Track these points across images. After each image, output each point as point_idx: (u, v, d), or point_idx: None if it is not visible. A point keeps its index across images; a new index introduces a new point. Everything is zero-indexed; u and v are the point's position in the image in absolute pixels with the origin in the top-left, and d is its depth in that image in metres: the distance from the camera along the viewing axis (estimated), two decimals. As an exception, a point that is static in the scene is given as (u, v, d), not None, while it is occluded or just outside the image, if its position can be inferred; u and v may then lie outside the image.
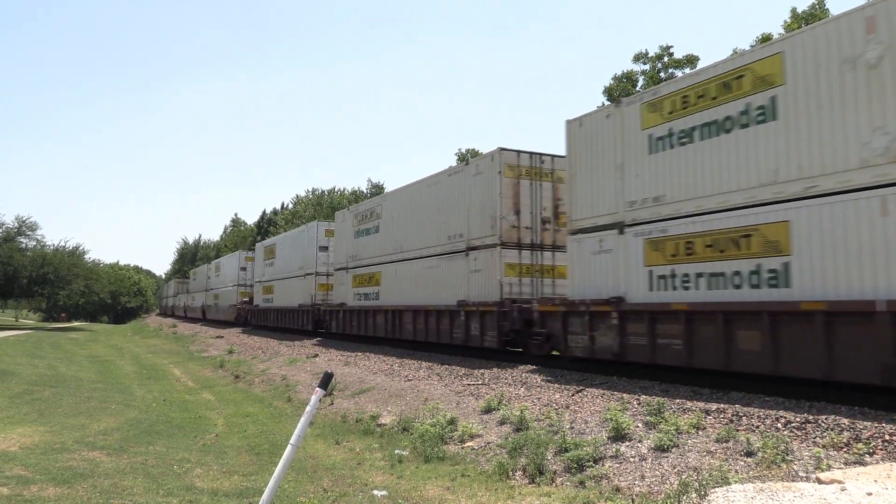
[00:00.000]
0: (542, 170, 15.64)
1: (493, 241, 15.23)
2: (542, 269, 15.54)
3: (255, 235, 75.15)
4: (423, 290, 18.10)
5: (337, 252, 25.28)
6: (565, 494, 6.22)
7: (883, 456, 6.02)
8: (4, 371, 16.78)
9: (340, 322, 23.95)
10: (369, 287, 21.58)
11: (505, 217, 15.09)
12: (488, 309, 15.02)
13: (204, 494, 6.54)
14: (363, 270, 22.18)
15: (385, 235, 20.73)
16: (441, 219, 17.38)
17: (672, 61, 33.12)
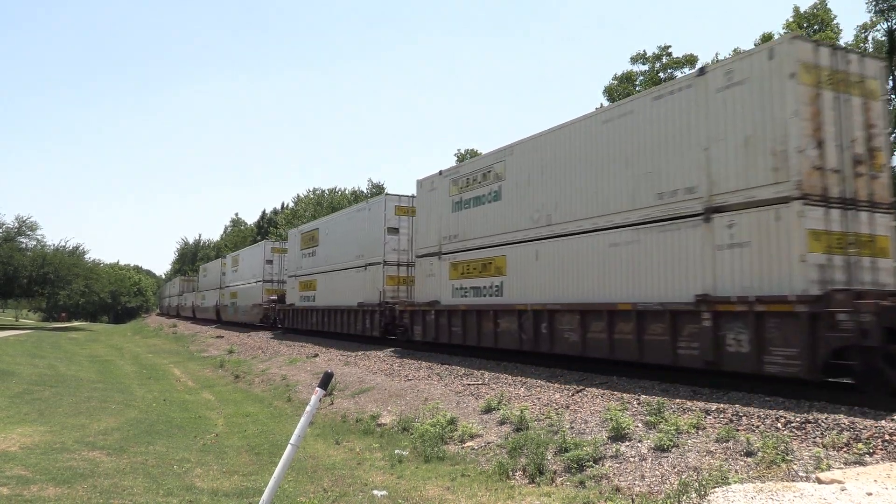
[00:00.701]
0: (850, 76, 9.53)
1: (776, 194, 9.01)
2: (857, 240, 9.17)
3: (255, 235, 75.12)
4: (601, 280, 11.92)
5: (423, 232, 18.87)
6: (565, 494, 6.22)
7: (883, 456, 6.02)
8: (4, 371, 16.78)
9: (431, 326, 17.65)
10: (482, 278, 15.67)
11: (804, 151, 8.89)
12: (784, 308, 8.72)
13: (204, 494, 6.55)
14: (472, 256, 16.09)
15: (513, 203, 14.67)
16: (641, 168, 11.25)
17: (671, 61, 33.10)
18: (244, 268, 40.47)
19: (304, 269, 28.76)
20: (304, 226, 31.37)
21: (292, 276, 30.48)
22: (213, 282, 49.97)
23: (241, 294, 40.03)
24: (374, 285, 21.41)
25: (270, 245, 37.25)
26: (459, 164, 18.38)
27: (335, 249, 25.47)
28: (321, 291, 26.55)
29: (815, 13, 26.89)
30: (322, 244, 27.05)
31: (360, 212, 23.76)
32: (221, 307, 45.21)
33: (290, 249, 31.82)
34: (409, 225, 21.24)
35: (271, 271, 35.81)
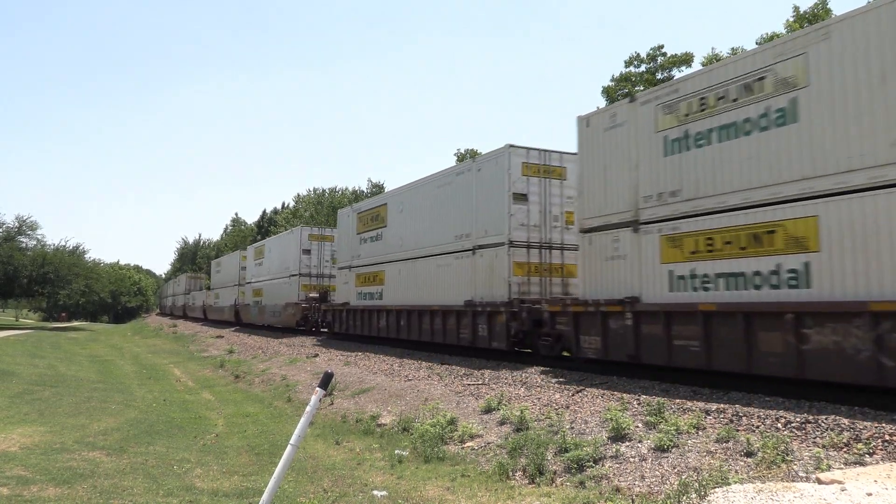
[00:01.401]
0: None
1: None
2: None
3: (255, 235, 75.09)
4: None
5: (597, 192, 12.18)
6: (565, 495, 6.22)
7: (883, 456, 6.02)
8: (4, 371, 16.79)
9: (624, 339, 11.22)
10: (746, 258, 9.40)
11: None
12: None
13: (204, 494, 6.55)
14: (721, 222, 9.82)
15: None
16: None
17: (667, 61, 33.04)
18: (273, 260, 33.85)
19: (365, 257, 22.60)
20: (361, 203, 24.82)
21: (345, 267, 24.31)
22: (229, 278, 44.17)
23: (269, 292, 33.52)
24: (493, 276, 15.09)
25: (307, 231, 30.47)
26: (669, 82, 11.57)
27: (416, 229, 19.21)
28: (392, 286, 20.36)
29: (816, 13, 26.88)
30: (392, 224, 20.78)
31: (463, 175, 16.94)
32: (241, 307, 39.30)
33: (342, 234, 25.54)
34: (541, 190, 15.30)
35: (309, 263, 29.73)
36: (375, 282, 21.65)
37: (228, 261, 46.56)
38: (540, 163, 15.27)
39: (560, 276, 15.36)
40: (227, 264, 46.16)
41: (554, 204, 15.42)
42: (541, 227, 15.20)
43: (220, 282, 47.72)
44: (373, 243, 22.09)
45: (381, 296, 21.01)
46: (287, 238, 32.44)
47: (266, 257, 35.27)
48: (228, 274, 44.68)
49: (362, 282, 22.76)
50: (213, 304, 48.37)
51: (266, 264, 34.96)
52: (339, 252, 25.97)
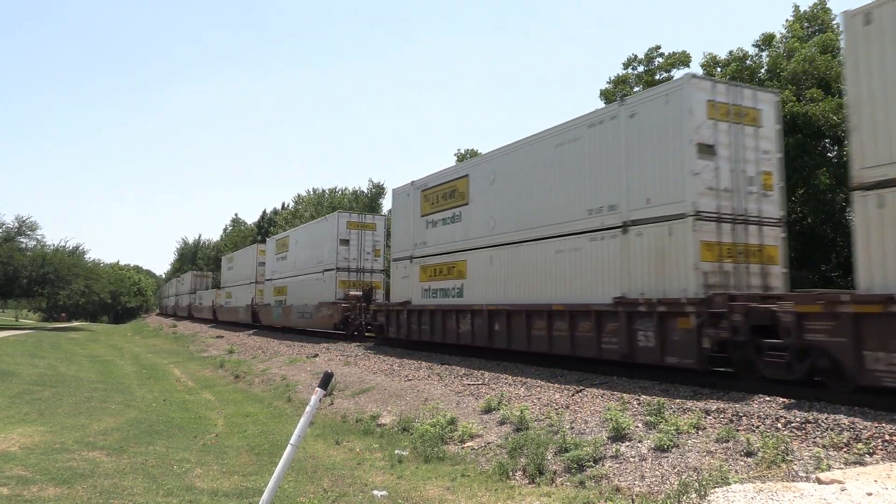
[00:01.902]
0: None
1: None
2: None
3: (255, 235, 75.01)
4: None
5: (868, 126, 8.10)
6: (565, 494, 6.22)
7: (883, 456, 6.02)
8: (4, 371, 16.78)
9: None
10: None
11: None
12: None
13: (204, 494, 6.54)
14: None
15: None
16: None
17: (665, 62, 33.02)
18: (300, 253, 29.84)
19: (435, 245, 18.30)
20: (426, 178, 19.41)
21: (403, 258, 20.09)
22: (244, 274, 39.82)
23: (297, 289, 29.28)
24: (666, 261, 10.76)
25: (345, 218, 26.46)
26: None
27: (518, 205, 14.75)
28: (478, 280, 16.03)
29: (815, 14, 26.87)
30: (478, 201, 16.38)
31: (602, 125, 12.52)
32: (260, 307, 35.20)
33: (399, 218, 21.02)
34: (732, 140, 10.99)
35: (347, 255, 25.70)
36: (451, 275, 17.28)
37: (243, 256, 41.92)
38: (729, 102, 11.08)
39: (759, 261, 11.08)
40: (242, 260, 41.73)
41: (749, 160, 11.15)
42: (733, 194, 10.90)
43: (232, 279, 43.50)
44: (447, 226, 17.82)
45: (461, 292, 16.71)
46: (320, 227, 27.94)
47: (291, 250, 30.82)
48: (242, 270, 40.50)
49: (431, 275, 18.46)
50: (224, 304, 44.18)
51: (292, 258, 30.63)
52: (395, 240, 21.29)
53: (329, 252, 26.07)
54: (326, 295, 25.68)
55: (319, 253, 27.16)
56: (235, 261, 43.95)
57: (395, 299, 20.61)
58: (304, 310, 28.02)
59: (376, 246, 26.50)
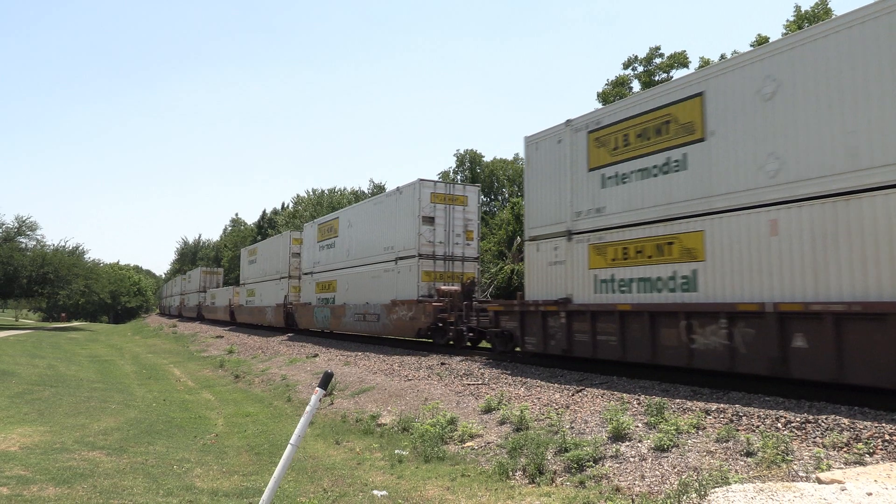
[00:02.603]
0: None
1: None
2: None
3: (255, 235, 75.00)
4: None
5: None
6: (565, 494, 6.22)
7: (883, 456, 6.02)
8: (4, 371, 16.78)
9: None
10: None
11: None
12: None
13: (204, 494, 6.54)
14: None
15: None
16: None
17: (664, 63, 33.06)
18: (355, 237, 23.61)
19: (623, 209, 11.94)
20: (598, 111, 13.24)
21: (551, 235, 13.69)
22: (272, 268, 33.48)
23: (354, 285, 23.19)
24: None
25: (428, 189, 19.68)
26: None
27: None
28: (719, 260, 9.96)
29: (816, 13, 26.89)
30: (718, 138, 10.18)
31: None
32: (297, 308, 28.92)
33: (541, 177, 14.27)
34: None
35: (432, 239, 19.50)
36: (673, 255, 10.82)
37: (270, 247, 35.07)
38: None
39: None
40: (269, 251, 34.89)
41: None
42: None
43: (255, 274, 36.81)
44: (652, 180, 11.31)
45: (695, 283, 10.31)
46: (392, 202, 21.16)
47: (341, 236, 24.75)
48: (270, 263, 33.84)
49: (613, 258, 12.09)
50: (245, 303, 38.36)
51: (343, 245, 24.52)
52: (530, 210, 14.57)
53: (408, 234, 19.70)
54: (405, 291, 19.54)
55: (393, 234, 20.80)
56: (260, 253, 36.75)
57: (534, 296, 14.08)
58: (368, 311, 21.72)
59: (468, 226, 20.07)
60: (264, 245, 37.16)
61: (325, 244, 26.62)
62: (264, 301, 34.18)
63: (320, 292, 26.34)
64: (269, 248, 35.31)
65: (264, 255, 35.74)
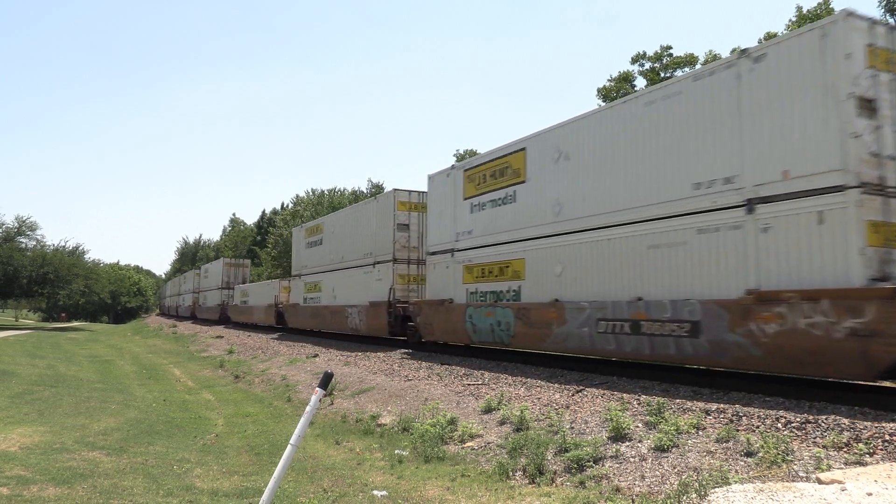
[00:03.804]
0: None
1: None
2: None
3: (254, 235, 74.94)
4: None
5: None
6: (565, 494, 6.22)
7: (883, 456, 6.01)
8: (4, 371, 16.77)
9: None
10: None
11: None
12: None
13: (204, 494, 6.54)
14: None
15: None
16: None
17: (672, 62, 33.09)
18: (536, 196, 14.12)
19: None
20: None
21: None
22: (350, 250, 23.37)
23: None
24: None
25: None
26: None
27: None
28: None
29: (818, 14, 26.88)
30: None
31: None
32: (424, 309, 18.04)
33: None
34: None
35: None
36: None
37: (344, 220, 24.53)
38: None
39: None
40: (342, 226, 24.44)
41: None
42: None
43: (316, 260, 26.69)
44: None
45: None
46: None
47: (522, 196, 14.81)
48: (345, 244, 23.78)
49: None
50: (304, 301, 27.54)
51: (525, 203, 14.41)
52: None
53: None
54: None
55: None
56: (329, 228, 25.64)
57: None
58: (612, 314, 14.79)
59: None
60: (334, 219, 25.84)
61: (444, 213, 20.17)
62: (341, 298, 23.70)
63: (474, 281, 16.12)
64: (341, 222, 24.58)
65: (335, 233, 24.96)
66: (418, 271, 20.39)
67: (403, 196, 20.66)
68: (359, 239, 22.97)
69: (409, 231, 20.52)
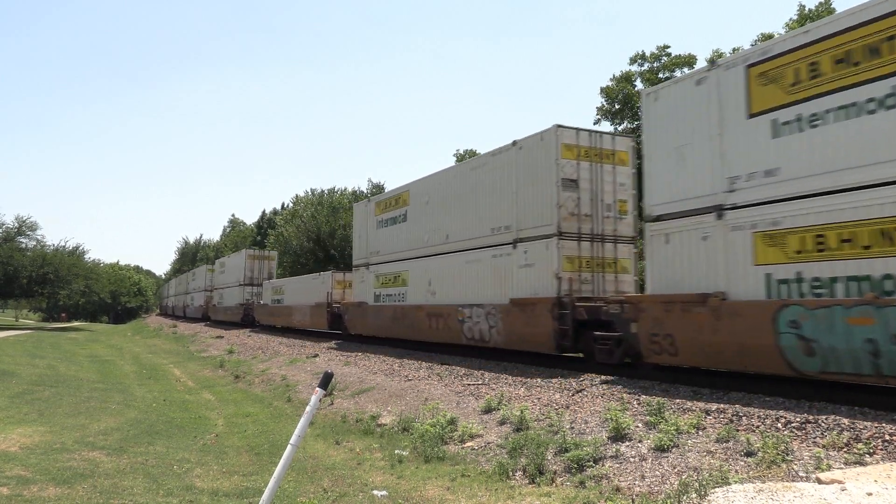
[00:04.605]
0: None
1: None
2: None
3: (254, 235, 74.94)
4: None
5: None
6: (565, 494, 6.22)
7: (883, 456, 6.02)
8: (4, 371, 16.78)
9: None
10: None
11: None
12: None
13: (204, 494, 6.54)
14: None
15: None
16: None
17: (670, 61, 33.09)
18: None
19: None
20: None
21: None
22: (482, 218, 15.81)
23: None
24: None
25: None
26: None
27: None
28: None
29: (820, 13, 26.89)
30: None
31: None
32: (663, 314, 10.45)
33: None
34: None
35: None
36: None
37: (450, 183, 17.61)
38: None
39: None
40: (446, 191, 17.65)
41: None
42: None
43: (397, 244, 20.17)
44: None
45: None
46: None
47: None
48: (452, 217, 17.17)
49: None
50: (373, 299, 21.24)
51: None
52: None
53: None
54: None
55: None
56: (438, 191, 18.15)
57: None
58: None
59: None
60: (441, 180, 18.08)
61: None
62: (447, 293, 17.00)
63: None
64: (465, 180, 16.79)
65: (442, 200, 17.70)
66: (594, 252, 13.49)
67: (569, 136, 13.49)
68: (482, 207, 15.76)
69: (579, 190, 13.41)
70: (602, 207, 13.82)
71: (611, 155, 14.00)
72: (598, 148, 13.86)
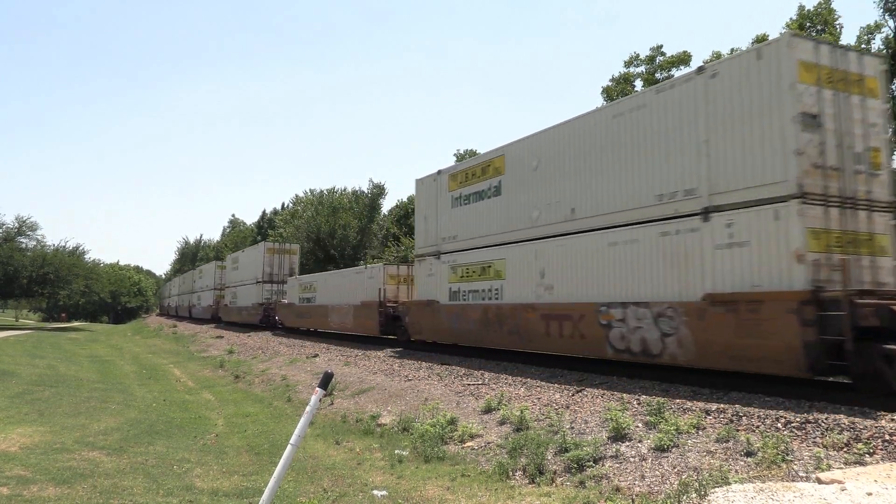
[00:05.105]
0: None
1: None
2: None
3: (254, 235, 74.89)
4: None
5: None
6: (565, 494, 6.22)
7: (883, 456, 6.01)
8: (4, 371, 16.78)
9: None
10: None
11: None
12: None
13: (204, 494, 6.54)
14: None
15: None
16: None
17: (666, 61, 33.08)
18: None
19: None
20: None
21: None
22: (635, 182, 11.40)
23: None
24: None
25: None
26: None
27: None
28: None
29: (819, 13, 26.88)
30: None
31: None
32: None
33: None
34: None
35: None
36: None
37: (568, 139, 13.22)
38: None
39: None
40: (559, 150, 13.45)
41: None
42: None
43: (484, 226, 15.96)
44: None
45: None
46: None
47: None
48: (575, 185, 12.90)
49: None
50: (448, 297, 17.17)
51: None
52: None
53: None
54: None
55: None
56: (547, 151, 13.95)
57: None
58: None
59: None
60: (552, 137, 13.93)
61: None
62: (567, 289, 13.05)
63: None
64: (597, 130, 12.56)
65: (552, 165, 13.79)
66: (843, 223, 9.08)
67: (806, 51, 9.24)
68: (638, 167, 11.48)
69: (824, 130, 9.16)
70: (851, 158, 9.41)
71: (858, 81, 9.68)
72: (844, 70, 9.51)
